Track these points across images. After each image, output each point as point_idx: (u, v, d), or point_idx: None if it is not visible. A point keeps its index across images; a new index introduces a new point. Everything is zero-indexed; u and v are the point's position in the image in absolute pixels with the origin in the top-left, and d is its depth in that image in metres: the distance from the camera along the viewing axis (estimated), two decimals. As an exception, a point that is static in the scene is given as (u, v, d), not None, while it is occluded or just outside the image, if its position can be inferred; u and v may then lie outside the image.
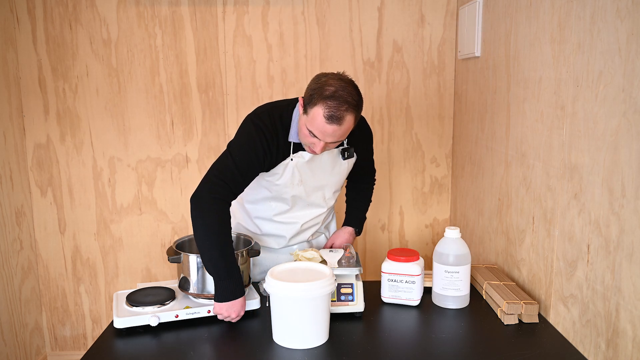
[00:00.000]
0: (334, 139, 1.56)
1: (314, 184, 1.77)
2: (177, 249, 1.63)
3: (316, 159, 1.73)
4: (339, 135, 1.55)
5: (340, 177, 1.83)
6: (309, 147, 1.62)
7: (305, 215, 1.85)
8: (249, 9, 2.57)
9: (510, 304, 1.53)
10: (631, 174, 1.18)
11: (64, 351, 2.82)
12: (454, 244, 1.63)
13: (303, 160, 1.70)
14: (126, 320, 1.48)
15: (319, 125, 1.52)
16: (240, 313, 1.54)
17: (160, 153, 2.68)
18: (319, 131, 1.54)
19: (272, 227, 1.86)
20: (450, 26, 2.62)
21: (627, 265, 1.20)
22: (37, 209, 2.70)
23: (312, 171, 1.74)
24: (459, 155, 2.60)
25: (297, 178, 1.73)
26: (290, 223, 1.85)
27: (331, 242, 1.91)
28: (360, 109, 1.58)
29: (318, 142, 1.57)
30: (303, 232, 1.90)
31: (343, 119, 1.51)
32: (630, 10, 1.18)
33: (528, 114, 1.73)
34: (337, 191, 1.88)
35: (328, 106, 1.50)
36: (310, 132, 1.56)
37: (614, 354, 1.26)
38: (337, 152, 1.76)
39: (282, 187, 1.74)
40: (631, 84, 1.18)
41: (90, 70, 2.60)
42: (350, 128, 1.56)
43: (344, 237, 1.92)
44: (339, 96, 1.50)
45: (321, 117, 1.51)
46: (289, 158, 1.69)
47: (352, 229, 1.94)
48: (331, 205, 1.90)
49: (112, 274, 2.77)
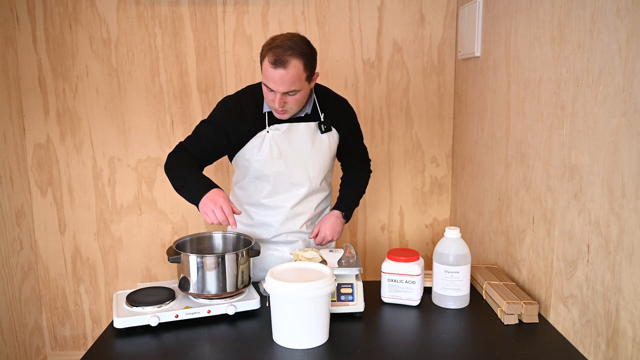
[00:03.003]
0: (285, 86, 1.61)
1: (294, 158, 1.80)
2: (177, 249, 1.63)
3: (293, 131, 1.78)
4: (288, 81, 1.59)
5: (324, 154, 1.84)
6: (274, 109, 1.69)
7: (291, 197, 1.85)
8: (249, 9, 2.57)
9: (510, 304, 1.53)
10: (631, 174, 1.18)
11: (64, 351, 2.83)
12: (454, 244, 1.63)
13: (279, 132, 1.77)
14: (126, 320, 1.47)
15: (267, 73, 1.61)
16: (224, 204, 1.56)
17: (160, 153, 2.68)
18: (270, 80, 1.61)
19: (262, 213, 1.88)
20: (450, 26, 2.62)
21: (627, 265, 1.20)
22: (37, 209, 2.70)
23: (291, 144, 1.79)
24: (459, 155, 2.61)
25: (275, 151, 1.77)
26: (278, 207, 1.86)
27: (317, 227, 1.90)
28: (310, 59, 1.64)
29: (274, 95, 1.64)
30: (294, 219, 1.89)
31: (288, 63, 1.58)
32: (630, 10, 1.18)
33: (528, 114, 1.73)
34: (323, 170, 1.87)
35: (273, 53, 1.59)
36: (266, 86, 1.65)
37: (614, 354, 1.26)
38: (314, 126, 1.81)
39: (262, 162, 1.78)
40: (631, 84, 1.18)
41: (90, 70, 2.60)
42: (300, 75, 1.61)
43: (330, 220, 1.90)
44: (284, 44, 1.59)
45: (268, 64, 1.60)
46: (265, 130, 1.76)
47: (338, 212, 1.93)
48: (318, 186, 1.89)
49: (112, 274, 2.77)
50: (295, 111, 1.75)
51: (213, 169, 2.69)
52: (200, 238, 1.77)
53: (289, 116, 1.75)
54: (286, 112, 1.72)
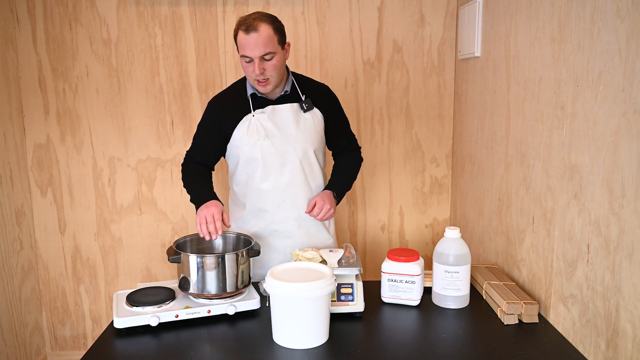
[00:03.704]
0: (260, 49, 1.72)
1: (281, 138, 1.88)
2: (177, 249, 1.64)
3: (277, 112, 1.88)
4: (262, 44, 1.72)
5: (309, 132, 1.91)
6: (256, 80, 1.78)
7: (283, 180, 1.89)
8: (249, 9, 2.57)
9: (510, 304, 1.53)
10: (631, 174, 1.18)
11: (64, 351, 2.83)
12: (454, 244, 1.63)
13: (264, 115, 1.87)
14: (126, 320, 1.48)
15: (242, 43, 1.74)
16: (215, 212, 1.72)
17: (160, 153, 2.68)
18: (246, 47, 1.73)
19: (256, 199, 1.92)
20: (450, 26, 2.62)
21: (627, 265, 1.20)
22: (37, 209, 2.70)
23: (276, 125, 1.87)
24: (459, 155, 2.61)
25: (262, 132, 1.86)
26: (271, 190, 1.89)
27: (313, 201, 1.88)
28: (277, 23, 1.78)
29: (253, 64, 1.74)
30: (287, 204, 1.91)
31: (258, 27, 1.72)
32: (630, 10, 1.18)
33: (528, 114, 1.73)
34: (309, 150, 1.91)
35: (244, 23, 1.74)
36: (244, 60, 1.76)
37: (614, 354, 1.26)
38: (297, 107, 1.91)
39: (251, 145, 1.87)
40: (631, 84, 1.18)
41: (90, 70, 2.60)
42: (271, 37, 1.74)
43: (321, 195, 1.90)
44: (251, 16, 1.76)
45: (241, 34, 1.74)
46: (251, 114, 1.87)
47: (329, 191, 1.95)
48: (310, 168, 1.92)
49: (112, 274, 2.77)
50: (276, 80, 1.81)
51: (213, 169, 2.70)
52: (200, 238, 1.77)
53: (271, 87, 1.81)
54: (268, 82, 1.79)
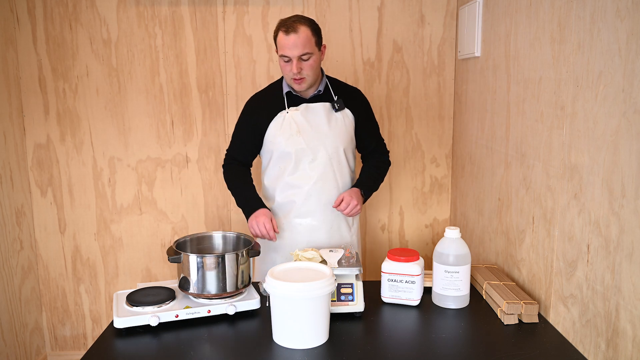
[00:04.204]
0: (298, 49, 1.83)
1: (312, 135, 1.97)
2: (177, 249, 1.64)
3: (310, 110, 1.98)
4: (300, 44, 1.83)
5: (340, 131, 1.99)
6: (293, 78, 1.89)
7: (312, 174, 1.98)
8: (249, 9, 2.57)
9: (510, 304, 1.53)
10: (631, 174, 1.18)
11: (64, 351, 2.83)
12: (454, 244, 1.63)
13: (297, 112, 1.97)
14: (126, 320, 1.48)
15: (282, 43, 1.85)
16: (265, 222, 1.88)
17: (160, 153, 2.68)
18: (285, 47, 1.84)
19: (287, 193, 2.01)
20: (450, 26, 2.62)
21: (627, 265, 1.20)
22: (37, 209, 2.70)
23: (309, 122, 1.97)
24: (459, 155, 2.61)
25: (294, 128, 1.96)
26: (301, 185, 1.99)
27: (341, 197, 1.97)
28: (315, 26, 1.89)
29: (291, 64, 1.86)
30: (314, 198, 1.99)
31: (297, 29, 1.83)
32: (630, 10, 1.18)
33: (528, 114, 1.73)
34: (339, 148, 1.99)
35: (284, 24, 1.86)
36: (282, 59, 1.87)
37: (613, 354, 1.26)
38: (329, 106, 2.00)
39: (284, 140, 1.96)
40: (631, 84, 1.18)
41: (90, 70, 2.60)
42: (310, 39, 1.85)
43: (349, 192, 1.99)
44: (291, 18, 1.88)
45: (281, 35, 1.85)
46: (285, 111, 1.97)
47: (357, 189, 2.03)
48: (339, 165, 2.00)
49: (112, 274, 2.77)
50: (311, 80, 1.91)
51: (213, 169, 2.70)
52: (200, 238, 1.77)
53: (306, 85, 1.92)
54: (304, 80, 1.89)
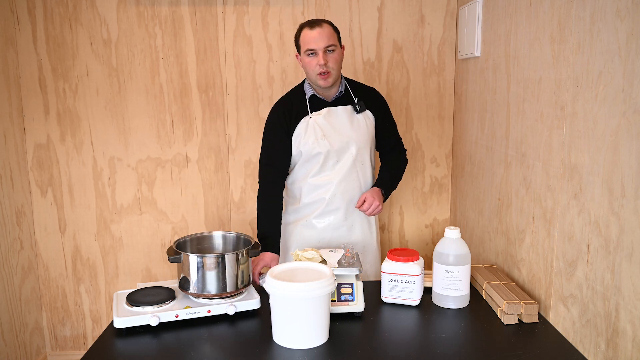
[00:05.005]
0: (324, 41, 1.90)
1: (337, 137, 2.01)
2: (177, 249, 1.64)
3: (332, 114, 2.02)
4: (325, 37, 1.90)
5: (362, 132, 2.04)
6: (318, 74, 1.93)
7: (337, 174, 2.02)
8: (249, 9, 2.57)
9: (510, 304, 1.53)
10: (631, 174, 1.18)
11: (64, 351, 2.83)
12: (454, 244, 1.63)
13: (320, 116, 2.01)
14: (126, 320, 1.48)
15: (307, 38, 1.91)
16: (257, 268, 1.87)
17: (160, 153, 2.68)
18: (311, 41, 1.90)
19: (310, 191, 2.05)
20: (450, 26, 2.62)
21: (627, 265, 1.20)
22: (37, 209, 2.70)
23: (332, 125, 2.01)
24: (459, 155, 2.61)
25: (319, 132, 2.00)
26: (325, 185, 2.03)
27: (363, 197, 2.01)
28: (334, 26, 1.96)
29: (317, 56, 1.91)
30: (338, 197, 2.03)
31: (322, 24, 1.92)
32: (630, 10, 1.18)
33: (528, 114, 1.73)
34: (363, 149, 2.04)
35: (306, 23, 1.94)
36: (307, 52, 1.93)
37: (613, 354, 1.26)
38: (350, 109, 2.05)
39: (310, 144, 2.00)
40: (631, 84, 1.18)
41: (90, 70, 2.60)
42: (333, 34, 1.93)
43: (370, 192, 2.02)
44: (312, 18, 1.97)
45: (305, 31, 1.93)
46: (308, 116, 2.01)
47: (378, 188, 2.06)
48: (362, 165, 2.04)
49: (112, 274, 2.77)
50: (336, 75, 1.96)
51: (213, 169, 2.70)
52: (200, 238, 1.77)
53: (332, 80, 1.95)
54: (329, 75, 1.94)
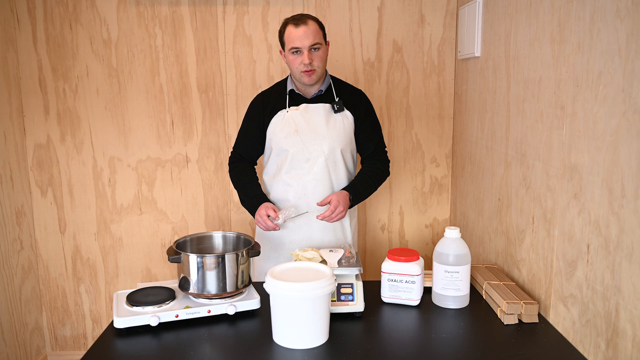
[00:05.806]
0: (309, 40, 1.88)
1: (310, 135, 1.98)
2: (177, 249, 1.64)
3: (310, 110, 2.00)
4: (311, 35, 1.88)
5: (338, 133, 2.00)
6: (302, 72, 1.91)
7: (307, 174, 1.99)
8: (249, 9, 2.57)
9: (510, 304, 1.53)
10: (631, 174, 1.18)
11: (64, 351, 2.83)
12: (454, 244, 1.63)
13: (297, 112, 1.99)
14: (126, 320, 1.48)
15: (292, 36, 1.89)
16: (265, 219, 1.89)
17: (160, 153, 2.68)
18: (295, 39, 1.88)
19: (280, 190, 2.03)
20: (450, 26, 2.62)
21: (627, 265, 1.20)
22: (37, 209, 2.70)
23: (307, 122, 1.99)
24: (459, 155, 2.61)
25: (292, 127, 1.98)
26: (294, 183, 2.00)
27: (328, 198, 1.93)
28: (320, 23, 1.94)
29: (302, 55, 1.89)
30: (309, 197, 1.99)
31: (307, 22, 1.89)
32: (630, 10, 1.18)
33: (528, 114, 1.73)
34: (336, 149, 1.99)
35: (292, 20, 1.91)
36: (292, 50, 1.90)
37: (613, 354, 1.26)
38: (329, 107, 2.01)
39: (282, 138, 1.99)
40: (631, 84, 1.18)
41: (90, 70, 2.60)
42: (318, 31, 1.91)
43: (337, 195, 1.93)
44: (297, 15, 1.94)
45: (290, 28, 1.90)
46: (285, 110, 2.00)
47: (347, 192, 1.97)
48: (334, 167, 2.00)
49: (112, 274, 2.77)
50: (320, 73, 1.95)
51: (213, 169, 2.70)
52: (200, 238, 1.77)
53: (316, 77, 1.94)
54: (314, 72, 1.92)
